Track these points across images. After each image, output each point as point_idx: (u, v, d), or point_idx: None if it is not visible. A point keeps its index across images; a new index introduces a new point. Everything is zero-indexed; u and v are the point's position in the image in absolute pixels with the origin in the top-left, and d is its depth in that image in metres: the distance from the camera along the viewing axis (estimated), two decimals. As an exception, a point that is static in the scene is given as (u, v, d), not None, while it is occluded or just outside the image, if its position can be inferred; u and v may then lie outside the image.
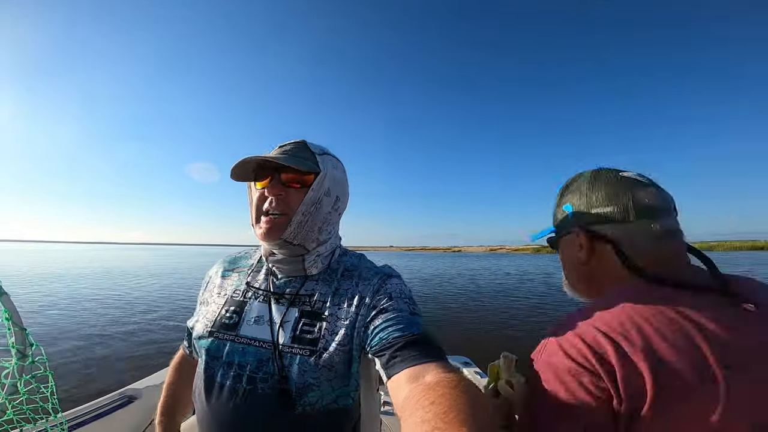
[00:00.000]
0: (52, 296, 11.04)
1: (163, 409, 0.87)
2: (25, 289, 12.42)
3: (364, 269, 0.75)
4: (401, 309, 0.66)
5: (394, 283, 0.72)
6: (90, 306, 9.50)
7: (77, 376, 4.58)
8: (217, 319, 0.72)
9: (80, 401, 1.55)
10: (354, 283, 0.72)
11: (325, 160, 0.72)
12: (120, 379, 4.13)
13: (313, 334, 0.66)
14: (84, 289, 12.79)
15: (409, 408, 0.45)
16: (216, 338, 0.69)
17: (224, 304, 0.74)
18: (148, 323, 7.64)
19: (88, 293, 11.82)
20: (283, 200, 0.68)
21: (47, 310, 8.81)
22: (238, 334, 0.68)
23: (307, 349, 0.64)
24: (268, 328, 0.68)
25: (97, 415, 1.37)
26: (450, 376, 0.50)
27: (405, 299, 0.69)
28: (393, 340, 0.60)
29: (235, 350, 0.67)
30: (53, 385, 0.99)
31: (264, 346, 0.66)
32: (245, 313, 0.71)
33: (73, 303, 9.85)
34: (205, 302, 0.79)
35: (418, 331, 0.62)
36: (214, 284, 0.81)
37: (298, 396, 0.63)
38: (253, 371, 0.64)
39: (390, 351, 0.59)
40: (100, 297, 11.07)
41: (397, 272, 0.77)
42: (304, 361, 0.64)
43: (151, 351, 5.66)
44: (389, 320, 0.63)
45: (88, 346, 5.83)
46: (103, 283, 15.41)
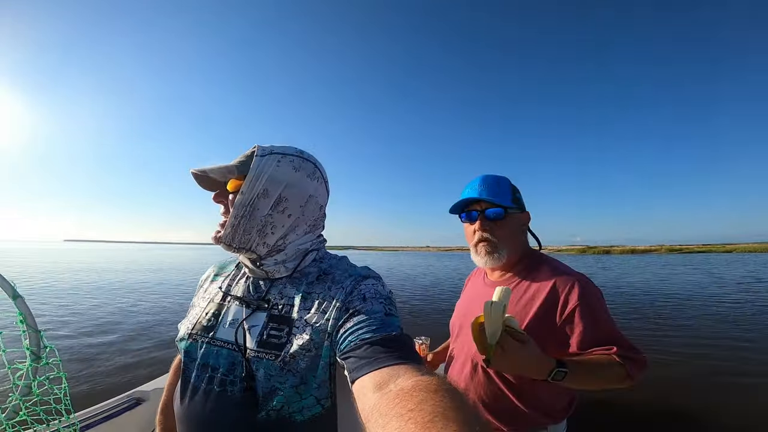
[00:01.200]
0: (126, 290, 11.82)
1: (162, 409, 0.89)
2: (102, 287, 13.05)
3: (338, 272, 0.72)
4: (375, 311, 0.62)
5: (369, 284, 0.68)
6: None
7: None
8: (198, 321, 0.72)
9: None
10: (327, 287, 0.69)
11: (265, 162, 0.69)
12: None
13: (279, 339, 0.64)
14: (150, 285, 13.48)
15: (381, 417, 0.37)
16: (193, 340, 0.70)
17: (206, 307, 0.75)
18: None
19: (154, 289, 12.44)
20: (226, 206, 0.71)
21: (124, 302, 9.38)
22: (213, 337, 0.68)
23: (272, 353, 0.63)
24: (241, 331, 0.67)
25: (105, 417, 1.39)
26: (428, 378, 0.42)
27: (380, 299, 0.65)
28: (361, 341, 0.56)
29: (209, 352, 0.67)
30: (66, 387, 1.01)
31: (235, 349, 0.65)
32: (222, 316, 0.71)
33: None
34: (193, 306, 0.80)
35: (392, 332, 0.57)
36: (204, 288, 0.82)
37: (264, 400, 0.61)
38: (224, 374, 0.64)
39: (356, 352, 0.55)
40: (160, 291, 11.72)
41: (375, 273, 0.73)
42: (269, 365, 0.62)
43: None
44: (361, 322, 0.59)
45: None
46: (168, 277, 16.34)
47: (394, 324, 0.60)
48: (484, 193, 1.03)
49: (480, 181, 1.06)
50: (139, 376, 4.31)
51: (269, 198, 0.68)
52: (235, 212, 0.67)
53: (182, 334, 0.73)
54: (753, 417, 3.49)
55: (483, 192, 1.04)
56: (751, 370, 4.77)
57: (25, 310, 0.95)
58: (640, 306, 9.92)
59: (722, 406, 3.70)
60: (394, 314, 0.64)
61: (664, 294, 12.26)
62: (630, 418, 3.51)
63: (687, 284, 15.02)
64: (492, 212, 1.02)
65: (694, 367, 4.92)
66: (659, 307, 9.72)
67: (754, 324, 7.40)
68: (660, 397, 3.88)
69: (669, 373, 4.66)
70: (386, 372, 0.48)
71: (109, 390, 3.77)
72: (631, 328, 7.16)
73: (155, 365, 4.73)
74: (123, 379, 4.30)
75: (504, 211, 1.01)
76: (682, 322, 7.90)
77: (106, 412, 1.44)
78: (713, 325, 7.54)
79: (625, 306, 9.87)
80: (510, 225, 1.04)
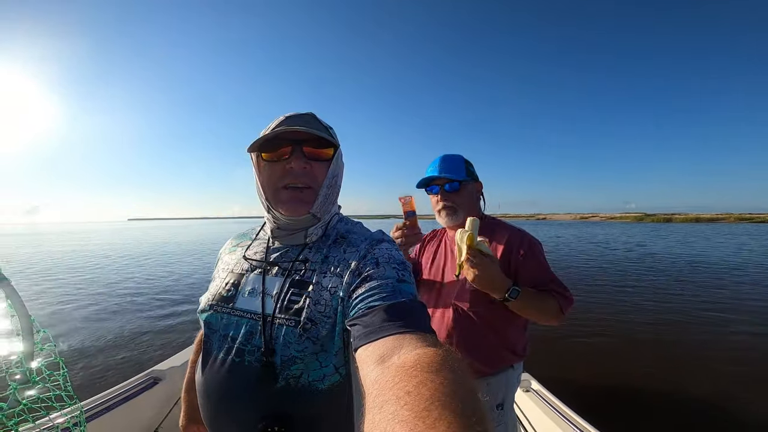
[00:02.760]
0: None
1: (187, 386, 0.90)
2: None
3: (354, 235, 0.72)
4: (387, 276, 0.60)
5: (384, 248, 0.67)
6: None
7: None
8: (218, 292, 0.71)
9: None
10: (342, 249, 0.69)
11: (335, 135, 0.72)
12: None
13: (298, 304, 0.63)
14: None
15: (380, 395, 0.34)
16: (214, 311, 0.69)
17: (225, 278, 0.73)
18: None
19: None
20: (308, 173, 0.67)
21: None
22: (233, 307, 0.68)
23: (292, 319, 0.62)
24: (259, 299, 0.66)
25: (123, 399, 1.39)
26: (431, 352, 0.39)
27: (393, 265, 0.63)
28: (368, 308, 0.54)
29: (230, 323, 0.67)
30: (65, 372, 0.96)
31: (255, 317, 0.65)
32: (242, 286, 0.70)
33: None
34: (215, 278, 0.78)
35: (403, 299, 0.55)
36: (223, 260, 0.81)
37: (282, 368, 0.60)
38: (242, 343, 0.63)
39: (363, 320, 0.53)
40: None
41: (389, 237, 0.73)
42: (289, 332, 0.61)
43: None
44: (372, 288, 0.58)
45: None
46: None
47: (406, 291, 0.58)
48: (443, 172, 1.29)
49: (439, 161, 1.32)
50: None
51: (342, 170, 0.75)
52: (328, 182, 0.69)
53: (203, 306, 0.72)
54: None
55: (442, 170, 1.29)
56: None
57: (12, 293, 0.88)
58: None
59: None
60: (407, 280, 0.61)
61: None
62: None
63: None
64: (449, 186, 1.29)
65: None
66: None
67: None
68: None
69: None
70: (390, 342, 0.46)
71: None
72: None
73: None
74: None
75: (459, 184, 1.28)
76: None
77: (125, 393, 1.45)
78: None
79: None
80: (464, 193, 1.30)
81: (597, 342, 4.92)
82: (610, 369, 4.09)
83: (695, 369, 4.09)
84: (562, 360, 4.18)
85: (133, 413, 1.43)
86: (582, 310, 6.33)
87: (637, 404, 3.33)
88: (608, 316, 6.16)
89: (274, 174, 0.67)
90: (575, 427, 1.53)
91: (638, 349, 4.66)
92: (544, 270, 1.19)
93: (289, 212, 0.67)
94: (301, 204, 0.67)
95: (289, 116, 0.68)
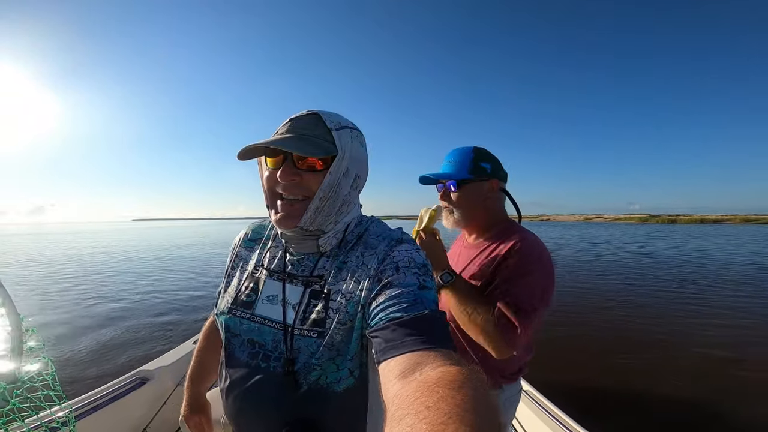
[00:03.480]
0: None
1: (192, 375, 0.90)
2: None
3: (371, 236, 0.68)
4: (408, 283, 0.58)
5: (403, 249, 0.63)
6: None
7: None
8: (237, 295, 0.71)
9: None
10: (360, 253, 0.66)
11: (343, 136, 0.64)
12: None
13: (319, 315, 0.63)
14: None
15: (399, 409, 0.35)
16: (234, 315, 0.69)
17: (244, 280, 0.72)
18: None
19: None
20: (297, 185, 0.62)
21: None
22: (253, 313, 0.68)
23: (314, 330, 0.62)
24: (281, 308, 0.66)
25: (111, 398, 1.39)
26: (455, 371, 0.39)
27: (414, 270, 0.60)
28: (390, 321, 0.53)
29: (252, 329, 0.67)
30: (54, 372, 0.95)
31: (277, 326, 0.65)
32: (261, 292, 0.69)
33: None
34: (230, 274, 0.77)
35: (425, 311, 0.53)
36: (238, 256, 0.78)
37: (304, 375, 0.62)
38: (270, 350, 0.64)
39: (384, 333, 0.52)
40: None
41: (408, 236, 0.69)
42: (311, 343, 0.62)
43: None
44: (392, 297, 0.56)
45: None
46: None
47: (428, 299, 0.56)
48: (446, 168, 1.19)
49: (447, 157, 1.21)
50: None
51: (349, 176, 0.66)
52: (322, 194, 0.62)
53: (222, 308, 0.71)
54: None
55: (446, 168, 1.19)
56: None
57: (3, 293, 0.88)
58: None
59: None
60: (429, 287, 0.59)
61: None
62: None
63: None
64: (442, 186, 1.20)
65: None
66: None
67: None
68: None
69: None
70: (412, 358, 0.46)
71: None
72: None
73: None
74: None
75: (456, 183, 1.15)
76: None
77: (113, 392, 1.44)
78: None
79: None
80: (465, 193, 1.16)
81: (588, 341, 4.92)
82: (598, 368, 4.09)
83: (687, 368, 4.09)
84: (551, 359, 4.16)
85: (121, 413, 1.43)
86: (577, 308, 6.35)
87: (627, 405, 3.31)
88: (604, 314, 6.16)
89: (271, 182, 0.64)
90: (563, 426, 1.53)
91: (631, 349, 4.66)
92: (526, 290, 0.96)
93: (277, 225, 0.65)
94: (288, 218, 0.63)
95: (293, 118, 0.65)
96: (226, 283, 0.77)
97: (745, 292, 7.86)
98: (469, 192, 1.15)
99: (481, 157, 1.16)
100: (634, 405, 3.30)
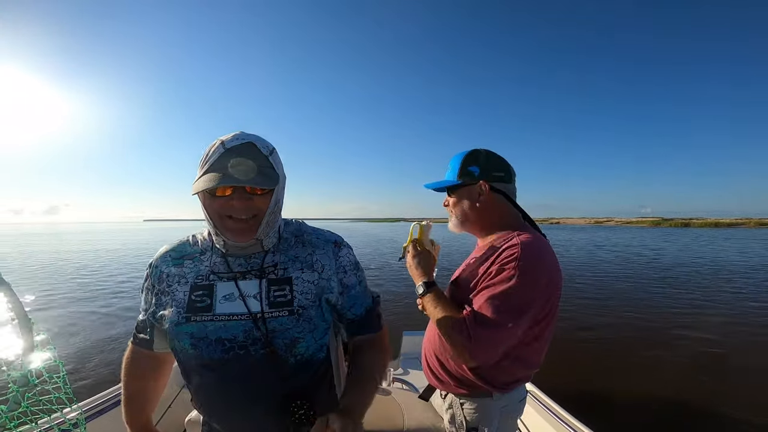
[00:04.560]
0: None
1: (133, 409, 0.91)
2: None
3: (312, 236, 0.86)
4: (359, 282, 0.88)
5: (346, 254, 0.87)
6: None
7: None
8: (188, 304, 0.76)
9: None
10: (310, 251, 0.83)
11: (275, 159, 0.76)
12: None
13: (285, 297, 0.75)
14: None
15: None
16: (195, 321, 0.73)
17: (191, 290, 0.77)
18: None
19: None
20: (251, 207, 0.73)
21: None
22: (214, 314, 0.73)
23: (284, 310, 0.74)
24: (241, 302, 0.74)
25: (118, 401, 1.39)
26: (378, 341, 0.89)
27: (356, 271, 0.87)
28: (357, 317, 0.87)
29: (218, 328, 0.73)
30: (65, 375, 0.96)
31: (243, 318, 0.73)
32: (215, 295, 0.76)
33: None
34: (164, 292, 0.80)
35: (372, 303, 0.90)
36: (168, 274, 0.82)
37: (288, 350, 0.73)
38: (242, 341, 0.72)
39: (356, 326, 0.87)
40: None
41: (341, 237, 0.89)
42: (284, 321, 0.73)
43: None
44: (353, 297, 0.86)
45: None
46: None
47: (369, 294, 0.91)
48: (446, 176, 1.21)
49: (449, 164, 1.23)
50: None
51: (284, 190, 0.80)
52: (269, 210, 0.75)
53: (176, 319, 0.75)
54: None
55: (447, 175, 1.21)
56: None
57: (13, 297, 0.88)
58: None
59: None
60: (365, 280, 0.90)
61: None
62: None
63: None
64: (446, 193, 1.23)
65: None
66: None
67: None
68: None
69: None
70: (375, 338, 0.88)
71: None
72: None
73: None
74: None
75: (448, 190, 1.22)
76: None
77: (119, 395, 1.44)
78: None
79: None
80: (457, 198, 1.19)
81: (592, 343, 4.92)
82: (603, 370, 4.11)
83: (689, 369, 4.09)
84: (556, 360, 4.15)
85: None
86: (580, 308, 6.28)
87: (631, 406, 3.32)
88: (607, 315, 6.10)
89: (218, 206, 0.72)
90: (569, 427, 1.51)
91: (635, 350, 4.69)
92: (496, 302, 0.91)
93: (236, 239, 0.74)
94: (246, 232, 0.74)
95: (227, 149, 0.70)
96: (156, 302, 0.81)
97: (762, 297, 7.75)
98: (460, 197, 1.18)
99: (471, 161, 1.16)
100: (638, 406, 3.29)
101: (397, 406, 1.43)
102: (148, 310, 0.83)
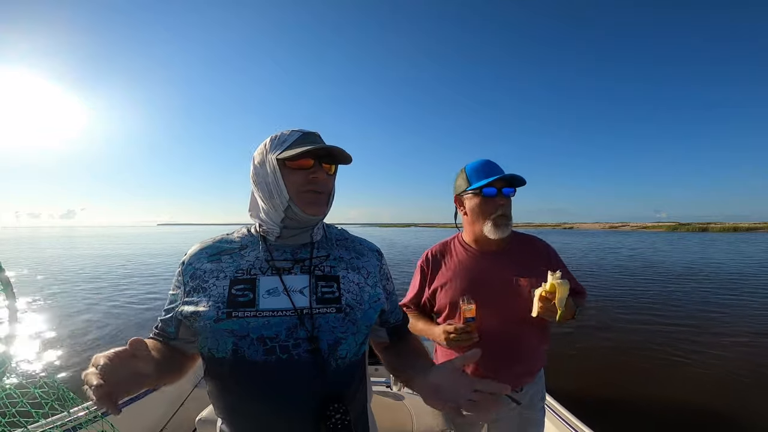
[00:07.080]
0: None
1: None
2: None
3: (356, 242, 0.89)
4: (394, 289, 0.93)
5: (386, 263, 0.92)
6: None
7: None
8: (229, 299, 0.70)
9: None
10: (355, 255, 0.85)
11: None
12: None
13: (333, 294, 0.74)
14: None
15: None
16: (236, 317, 0.68)
17: (230, 285, 0.72)
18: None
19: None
20: (326, 183, 0.76)
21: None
22: (258, 309, 0.69)
23: (332, 307, 0.72)
24: (286, 297, 0.71)
25: (129, 400, 1.39)
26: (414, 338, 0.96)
27: (391, 280, 0.93)
28: (398, 322, 0.92)
29: (260, 325, 0.68)
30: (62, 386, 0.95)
31: (287, 314, 0.69)
32: (258, 289, 0.72)
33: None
34: (198, 289, 0.74)
35: (401, 312, 0.95)
36: (204, 270, 0.76)
37: (331, 352, 0.69)
38: (284, 340, 0.67)
39: (398, 330, 0.92)
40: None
41: (379, 249, 0.94)
42: (332, 318, 0.71)
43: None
44: (393, 302, 0.91)
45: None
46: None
47: (397, 301, 0.95)
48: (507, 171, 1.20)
49: (490, 163, 1.22)
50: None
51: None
52: (333, 192, 0.80)
53: (215, 315, 0.68)
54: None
55: (505, 171, 1.20)
56: None
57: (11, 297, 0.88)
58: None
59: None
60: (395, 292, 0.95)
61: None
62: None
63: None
64: (508, 191, 1.19)
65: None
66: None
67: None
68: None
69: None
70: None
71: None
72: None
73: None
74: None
75: (514, 190, 1.22)
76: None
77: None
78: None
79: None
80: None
81: (601, 348, 4.79)
82: (606, 373, 4.02)
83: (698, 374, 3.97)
84: (564, 366, 4.11)
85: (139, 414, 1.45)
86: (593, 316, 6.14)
87: (638, 410, 3.22)
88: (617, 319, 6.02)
89: (298, 180, 0.74)
90: (574, 429, 1.49)
91: (642, 354, 4.57)
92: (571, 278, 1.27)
93: (313, 212, 0.75)
94: (322, 205, 0.76)
95: (306, 132, 0.77)
96: (188, 300, 0.73)
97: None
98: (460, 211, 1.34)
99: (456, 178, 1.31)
100: (644, 410, 3.20)
101: (407, 412, 1.43)
102: (176, 308, 0.76)
